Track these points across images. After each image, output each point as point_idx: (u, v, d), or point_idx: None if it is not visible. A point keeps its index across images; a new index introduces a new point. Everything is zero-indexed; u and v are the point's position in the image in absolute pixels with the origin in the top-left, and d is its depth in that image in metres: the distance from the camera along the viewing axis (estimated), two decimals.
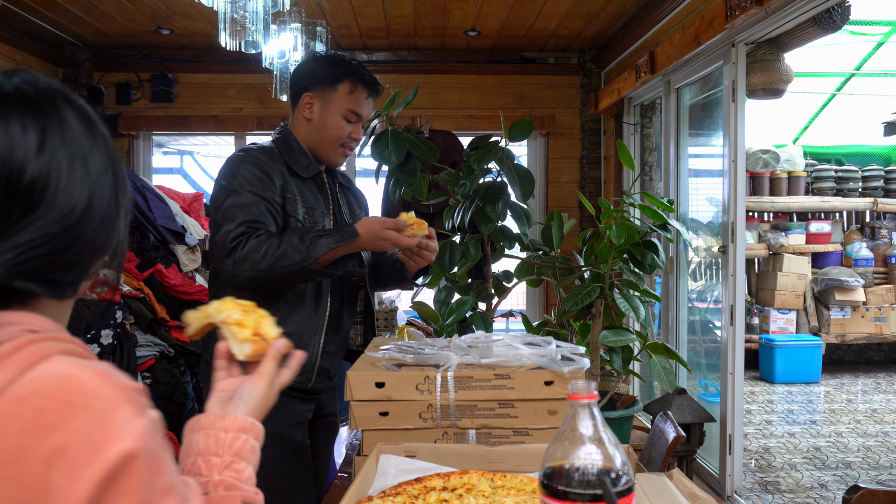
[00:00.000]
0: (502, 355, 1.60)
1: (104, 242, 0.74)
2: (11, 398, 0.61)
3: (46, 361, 0.64)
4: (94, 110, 0.79)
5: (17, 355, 0.63)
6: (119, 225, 0.77)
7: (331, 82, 2.05)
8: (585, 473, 0.85)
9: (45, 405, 0.61)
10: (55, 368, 0.64)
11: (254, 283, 1.86)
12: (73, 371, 0.64)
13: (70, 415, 0.61)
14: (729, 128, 3.58)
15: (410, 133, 3.66)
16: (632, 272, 3.28)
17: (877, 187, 7.06)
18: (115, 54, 5.49)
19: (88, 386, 0.63)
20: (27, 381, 0.62)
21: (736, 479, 3.60)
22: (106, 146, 0.76)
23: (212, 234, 1.93)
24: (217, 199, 1.93)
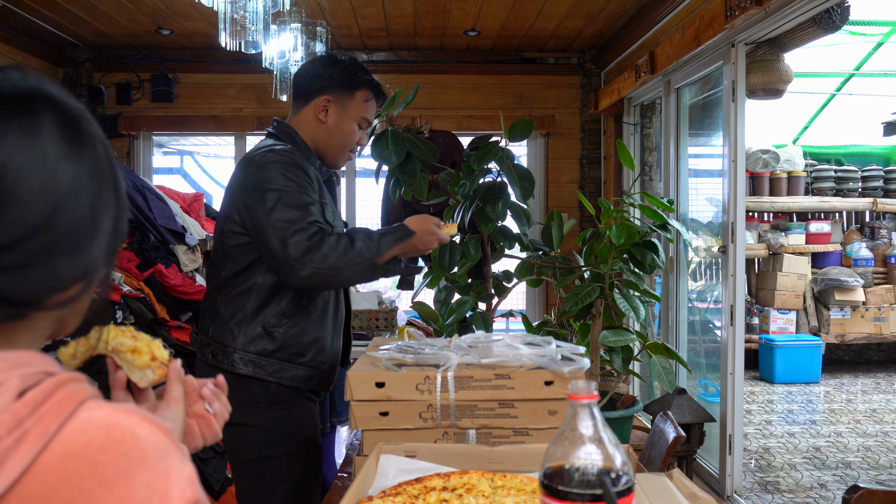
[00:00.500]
0: (502, 355, 1.60)
1: (68, 267, 0.66)
2: (59, 455, 0.57)
3: (82, 409, 0.60)
4: (93, 123, 0.72)
5: (47, 404, 0.59)
6: (90, 251, 0.68)
7: (350, 88, 2.05)
8: (585, 473, 0.85)
9: (101, 459, 0.58)
10: (97, 417, 0.60)
11: (320, 285, 1.84)
12: (117, 418, 0.61)
13: (128, 467, 0.58)
14: (729, 128, 3.58)
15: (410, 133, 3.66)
16: (632, 272, 3.28)
17: (876, 187, 7.06)
18: (116, 54, 5.49)
19: (139, 434, 0.60)
20: (72, 434, 0.58)
21: (736, 479, 3.60)
22: (92, 161, 0.69)
23: (268, 237, 1.80)
24: (267, 201, 1.81)
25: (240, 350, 1.87)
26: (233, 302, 1.89)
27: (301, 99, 2.04)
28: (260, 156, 1.89)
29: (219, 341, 1.89)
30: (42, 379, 0.61)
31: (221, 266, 1.92)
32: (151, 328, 3.18)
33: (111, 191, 0.71)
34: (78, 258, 0.67)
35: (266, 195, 1.83)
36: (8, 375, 0.60)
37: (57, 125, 0.67)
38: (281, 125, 2.04)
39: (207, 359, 1.90)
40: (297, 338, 1.91)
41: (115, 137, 5.56)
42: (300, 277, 1.78)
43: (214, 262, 1.95)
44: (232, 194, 1.93)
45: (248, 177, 1.87)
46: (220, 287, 1.92)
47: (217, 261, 1.94)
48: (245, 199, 1.86)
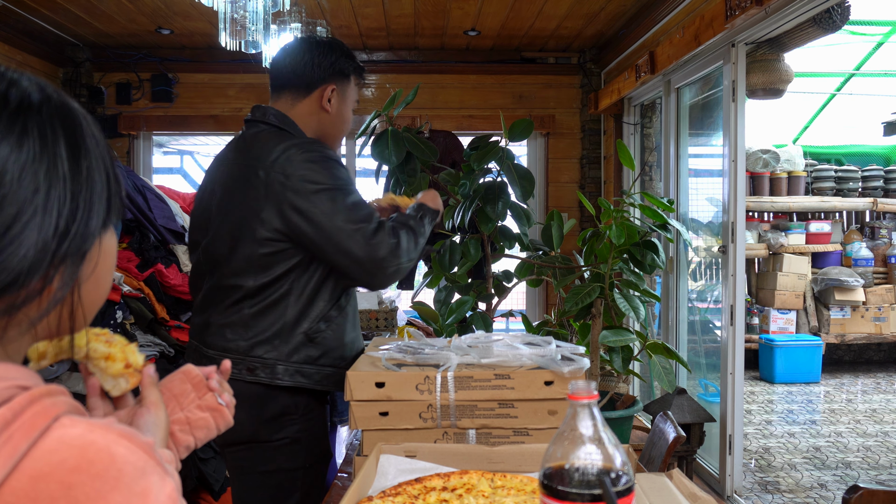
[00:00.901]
0: (502, 355, 1.60)
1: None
2: (29, 477, 0.54)
3: (55, 426, 0.57)
4: (45, 112, 0.66)
5: (17, 422, 0.56)
6: (21, 250, 0.61)
7: (347, 75, 1.98)
8: (585, 473, 0.85)
9: (74, 481, 0.54)
10: (71, 435, 0.57)
11: (397, 278, 1.77)
12: (92, 437, 0.57)
13: (102, 489, 0.55)
14: (729, 128, 3.58)
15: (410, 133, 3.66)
16: (632, 272, 3.28)
17: (876, 187, 7.06)
18: (116, 54, 5.49)
19: (115, 453, 0.57)
20: (43, 455, 0.55)
21: (736, 479, 3.60)
22: (33, 154, 0.63)
23: (342, 240, 1.69)
24: (334, 200, 1.70)
25: (283, 361, 1.76)
26: (268, 313, 1.76)
27: (301, 89, 1.90)
28: (315, 154, 1.74)
29: (257, 355, 1.75)
30: (14, 394, 0.58)
31: (245, 275, 1.75)
32: (151, 328, 3.18)
33: (62, 188, 0.64)
34: (7, 260, 0.61)
35: (320, 197, 1.69)
36: None
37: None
38: (282, 117, 1.87)
39: (243, 376, 1.73)
40: (339, 340, 1.84)
41: (115, 137, 5.56)
42: (387, 275, 1.73)
43: (237, 272, 1.76)
44: (250, 197, 1.74)
45: (285, 180, 1.70)
46: (246, 297, 1.76)
47: (238, 270, 1.76)
48: (292, 205, 1.69)
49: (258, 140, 1.81)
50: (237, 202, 1.77)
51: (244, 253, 1.75)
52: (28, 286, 0.62)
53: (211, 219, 1.84)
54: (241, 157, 1.82)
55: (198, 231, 1.90)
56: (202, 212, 1.89)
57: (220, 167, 1.89)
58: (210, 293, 1.84)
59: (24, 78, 0.66)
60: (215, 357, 1.77)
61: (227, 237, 1.78)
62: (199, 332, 1.85)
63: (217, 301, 1.82)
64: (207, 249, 1.84)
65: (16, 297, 0.62)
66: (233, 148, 1.89)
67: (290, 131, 1.85)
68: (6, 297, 0.61)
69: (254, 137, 1.84)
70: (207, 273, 1.85)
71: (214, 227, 1.82)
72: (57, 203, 0.64)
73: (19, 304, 0.62)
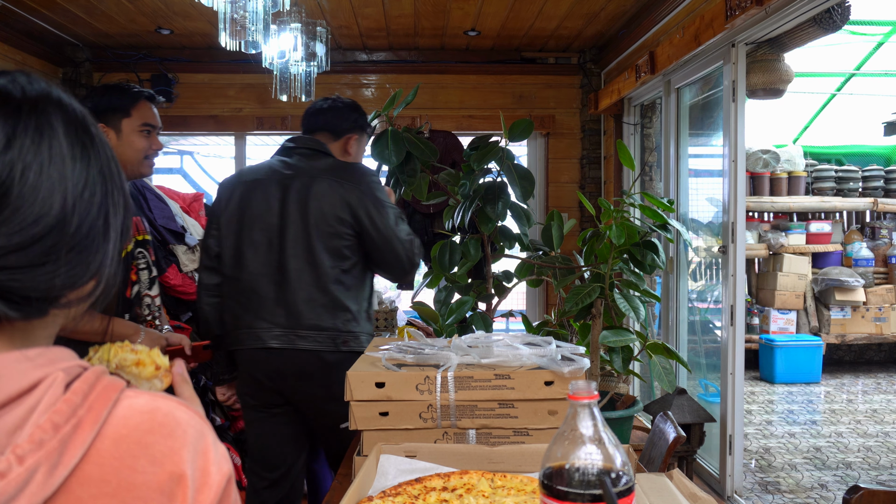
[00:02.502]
0: (502, 355, 1.60)
1: (83, 264, 0.68)
2: (111, 439, 0.62)
3: (123, 397, 0.66)
4: (96, 125, 0.74)
5: (94, 393, 0.64)
6: (106, 247, 0.71)
7: (365, 130, 2.65)
8: (586, 474, 0.85)
9: (150, 441, 0.63)
10: (139, 403, 0.66)
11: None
12: (156, 404, 0.66)
13: (174, 446, 0.64)
14: (729, 128, 3.58)
15: (410, 133, 3.66)
16: (632, 272, 3.28)
17: (877, 187, 7.05)
18: (115, 54, 5.49)
19: (179, 417, 0.66)
20: (120, 420, 0.64)
21: (736, 479, 3.60)
22: (98, 163, 0.71)
23: (394, 245, 2.27)
24: (390, 216, 2.28)
25: (365, 333, 2.29)
26: (354, 295, 2.27)
27: (333, 134, 2.49)
28: (365, 175, 2.33)
29: (349, 330, 2.25)
30: (80, 371, 0.66)
31: (333, 262, 2.24)
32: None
33: (119, 191, 0.73)
34: (92, 256, 0.69)
35: (388, 210, 2.28)
36: (51, 369, 0.64)
37: (66, 127, 0.69)
38: (317, 144, 2.43)
39: (336, 348, 2.22)
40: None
41: None
42: (412, 275, 2.39)
43: (317, 268, 2.23)
44: (335, 200, 2.24)
45: (366, 191, 2.27)
46: (335, 281, 2.24)
47: (322, 261, 2.23)
48: (367, 210, 2.24)
49: (322, 159, 2.40)
50: (328, 205, 2.26)
51: (322, 244, 2.24)
52: (100, 278, 0.71)
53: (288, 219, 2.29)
54: (332, 173, 2.35)
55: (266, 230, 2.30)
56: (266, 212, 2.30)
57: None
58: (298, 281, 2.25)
59: (59, 86, 0.73)
60: (329, 335, 2.24)
61: (318, 231, 2.26)
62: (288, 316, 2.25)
63: (296, 281, 2.25)
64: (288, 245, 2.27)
65: (89, 289, 0.70)
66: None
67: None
68: (83, 289, 0.69)
69: (318, 156, 2.41)
70: (291, 265, 2.25)
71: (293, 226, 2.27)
72: (119, 202, 0.73)
73: (90, 294, 0.71)
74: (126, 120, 2.10)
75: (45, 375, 0.63)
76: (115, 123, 2.09)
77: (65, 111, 0.70)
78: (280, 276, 2.24)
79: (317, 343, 2.21)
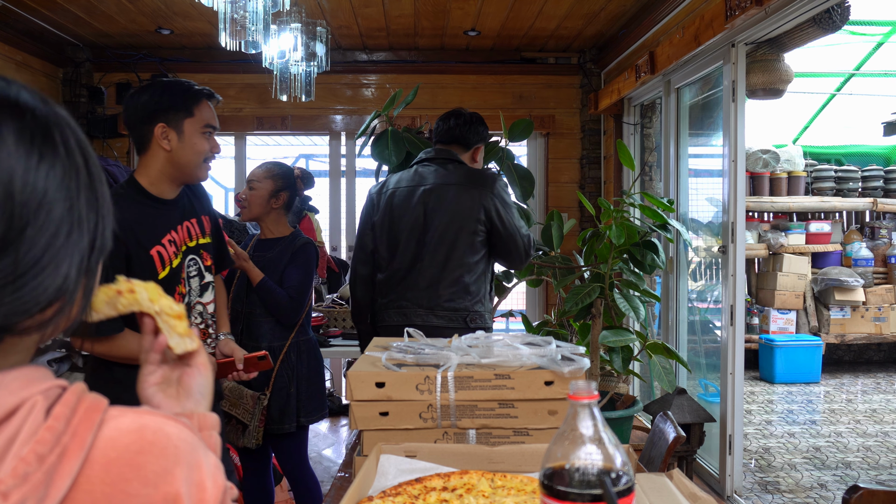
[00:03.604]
0: (502, 355, 1.60)
1: (38, 289, 0.61)
2: (101, 464, 0.59)
3: (108, 417, 0.62)
4: (68, 130, 0.65)
5: (76, 417, 0.60)
6: (69, 268, 0.63)
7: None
8: (586, 473, 0.85)
9: (141, 461, 0.60)
10: (125, 422, 0.62)
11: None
12: (143, 421, 0.63)
13: (167, 465, 0.61)
14: (729, 128, 3.58)
15: (410, 133, 3.66)
16: (632, 272, 3.28)
17: (876, 187, 7.06)
18: (116, 54, 5.49)
19: (169, 433, 0.63)
20: (107, 443, 0.60)
21: (736, 479, 3.60)
22: (60, 173, 0.63)
23: (517, 238, 2.74)
24: (514, 214, 2.77)
25: (486, 313, 2.77)
26: (479, 281, 2.74)
27: (464, 146, 2.88)
28: (494, 179, 2.76)
29: (475, 310, 2.73)
30: (60, 393, 0.62)
31: (470, 255, 2.70)
32: None
33: (89, 203, 0.65)
34: (50, 278, 0.61)
35: (512, 209, 2.74)
36: (29, 393, 0.60)
37: (18, 136, 0.61)
38: (450, 154, 2.84)
39: (465, 325, 2.67)
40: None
41: (115, 137, 5.55)
42: (527, 263, 2.88)
43: (456, 256, 2.69)
44: (472, 203, 2.68)
45: (496, 194, 2.72)
46: (469, 271, 2.71)
47: (463, 255, 2.69)
48: (498, 210, 2.70)
49: (457, 167, 2.83)
50: (464, 205, 2.71)
51: (461, 238, 2.70)
52: (62, 302, 0.63)
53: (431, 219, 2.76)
54: (469, 177, 2.78)
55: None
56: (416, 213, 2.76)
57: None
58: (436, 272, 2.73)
59: (25, 87, 0.66)
60: (459, 313, 2.71)
61: (454, 228, 2.71)
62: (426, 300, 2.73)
63: (435, 268, 2.72)
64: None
65: (49, 314, 0.63)
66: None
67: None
68: (42, 314, 0.62)
69: (452, 164, 2.83)
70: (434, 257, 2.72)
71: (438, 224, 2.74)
72: (86, 217, 0.65)
73: (51, 320, 0.64)
74: (188, 120, 1.98)
75: (23, 401, 0.59)
76: (177, 124, 1.97)
77: (20, 117, 0.62)
78: (424, 266, 2.72)
79: (449, 321, 2.69)
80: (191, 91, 2.00)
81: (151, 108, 1.96)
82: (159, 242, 1.96)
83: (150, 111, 1.95)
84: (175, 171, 1.99)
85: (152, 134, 1.95)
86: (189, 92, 1.99)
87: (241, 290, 2.82)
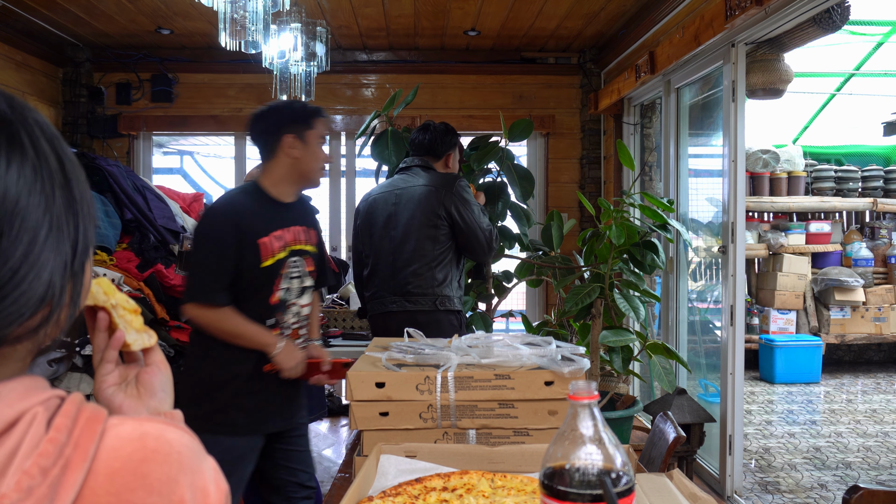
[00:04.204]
0: (502, 355, 1.60)
1: (22, 299, 0.59)
2: (104, 476, 0.58)
3: (109, 427, 0.61)
4: (38, 131, 0.64)
5: (77, 428, 0.59)
6: (51, 275, 0.61)
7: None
8: (586, 474, 0.85)
9: (146, 470, 0.59)
10: (126, 431, 0.61)
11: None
12: (144, 429, 0.62)
13: (170, 472, 0.60)
14: (729, 128, 3.58)
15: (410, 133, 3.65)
16: (632, 272, 3.28)
17: (876, 187, 7.05)
18: (116, 54, 5.49)
19: (170, 439, 0.62)
20: (110, 453, 0.59)
21: (736, 479, 3.60)
22: (36, 176, 0.61)
23: (477, 235, 3.00)
24: (475, 211, 3.03)
25: (454, 297, 3.04)
26: (444, 269, 3.01)
27: (435, 156, 3.15)
28: (453, 180, 3.03)
29: (443, 294, 3.00)
30: (59, 403, 0.61)
31: (431, 246, 2.98)
32: (152, 328, 3.18)
33: (66, 205, 0.63)
34: (33, 286, 0.60)
35: (471, 206, 2.99)
36: (28, 404, 0.59)
37: None
38: (424, 162, 3.13)
39: (435, 307, 2.97)
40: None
41: (114, 137, 5.55)
42: (490, 256, 3.17)
43: (419, 247, 2.99)
44: (432, 202, 2.97)
45: (455, 193, 2.98)
46: (433, 260, 2.99)
47: (424, 246, 2.98)
48: (457, 207, 2.97)
49: (430, 173, 3.11)
50: (424, 205, 2.99)
51: (425, 234, 3.00)
52: (50, 308, 0.62)
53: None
54: (435, 181, 3.06)
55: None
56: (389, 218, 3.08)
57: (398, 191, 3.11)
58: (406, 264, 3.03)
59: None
60: (429, 295, 3.00)
61: (420, 226, 3.00)
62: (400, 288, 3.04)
63: (411, 261, 3.02)
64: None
65: (38, 320, 0.62)
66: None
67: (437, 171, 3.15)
68: (30, 322, 0.61)
69: (426, 171, 3.13)
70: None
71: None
72: (64, 220, 0.63)
73: (41, 326, 0.63)
74: (309, 132, 2.31)
75: (22, 413, 0.58)
76: (302, 135, 2.30)
77: None
78: (393, 259, 3.02)
79: (421, 305, 2.97)
80: (309, 108, 2.37)
81: (280, 122, 2.29)
82: (267, 234, 2.22)
83: (278, 125, 2.29)
84: (298, 176, 2.32)
85: (280, 144, 2.28)
86: (308, 108, 2.36)
87: None
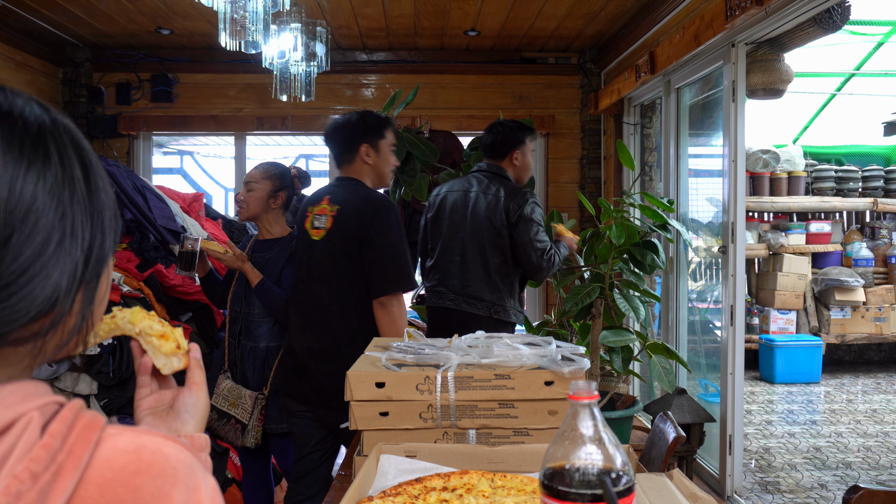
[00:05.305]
0: (502, 355, 1.60)
1: (27, 299, 0.60)
2: (96, 485, 0.57)
3: (105, 436, 0.60)
4: (63, 135, 0.65)
5: (73, 435, 0.58)
6: (54, 281, 0.61)
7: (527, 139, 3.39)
8: (586, 474, 0.85)
9: (138, 483, 0.58)
10: (122, 442, 0.60)
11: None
12: (141, 441, 0.61)
13: (164, 487, 0.59)
14: (729, 128, 3.58)
15: (410, 133, 3.66)
16: (632, 272, 3.28)
17: (877, 187, 7.05)
18: (115, 54, 5.49)
19: (167, 454, 0.61)
20: (103, 463, 0.58)
21: (736, 479, 3.60)
22: (50, 181, 0.62)
23: (530, 250, 3.07)
24: (533, 228, 3.10)
25: (510, 309, 3.14)
26: (505, 279, 3.13)
27: (499, 154, 3.23)
28: (525, 198, 3.10)
29: (500, 304, 3.11)
30: (57, 409, 0.60)
31: (492, 252, 3.11)
32: None
33: (85, 214, 0.64)
34: (39, 287, 0.60)
35: (530, 225, 3.07)
36: (25, 408, 0.59)
37: (6, 144, 0.60)
38: (496, 168, 3.22)
39: (490, 315, 3.07)
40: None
41: (114, 137, 5.55)
42: (542, 276, 3.14)
43: (482, 255, 3.12)
44: (499, 211, 3.09)
45: (522, 205, 3.08)
46: (493, 267, 3.11)
47: (486, 253, 3.11)
48: (516, 223, 3.07)
49: (490, 181, 3.21)
50: (492, 213, 3.11)
51: (489, 241, 3.13)
52: (55, 313, 0.62)
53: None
54: (502, 187, 3.17)
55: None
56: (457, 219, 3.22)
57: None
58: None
59: (23, 97, 0.65)
60: (487, 303, 3.12)
61: (483, 232, 3.13)
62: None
63: (470, 268, 3.16)
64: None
65: (42, 324, 0.62)
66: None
67: (503, 178, 3.25)
68: (34, 325, 0.61)
69: (487, 179, 3.23)
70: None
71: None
72: (80, 227, 0.64)
73: (45, 331, 0.62)
74: (382, 141, 2.55)
75: (18, 416, 0.58)
76: (376, 143, 2.54)
77: (9, 124, 0.61)
78: (459, 259, 3.15)
79: (478, 309, 3.08)
80: (381, 119, 2.58)
81: (356, 134, 2.52)
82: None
83: (355, 136, 2.52)
84: (375, 179, 2.56)
85: (357, 152, 2.51)
86: (380, 120, 2.57)
87: (239, 291, 2.82)
